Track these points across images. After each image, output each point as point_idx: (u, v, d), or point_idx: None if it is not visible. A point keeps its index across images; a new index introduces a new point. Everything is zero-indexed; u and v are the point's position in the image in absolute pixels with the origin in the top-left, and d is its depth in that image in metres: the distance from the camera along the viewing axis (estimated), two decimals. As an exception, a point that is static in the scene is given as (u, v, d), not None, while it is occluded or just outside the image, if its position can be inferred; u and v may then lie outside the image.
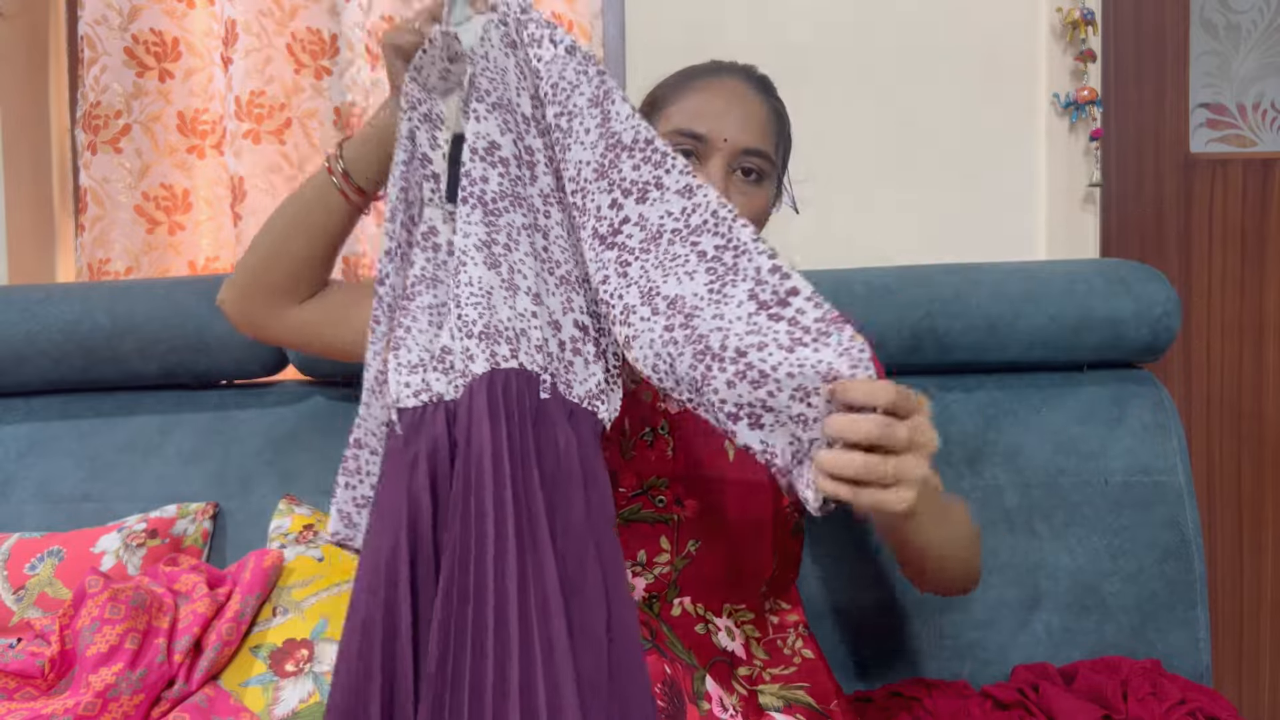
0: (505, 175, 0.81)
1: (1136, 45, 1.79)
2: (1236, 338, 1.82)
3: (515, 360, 0.77)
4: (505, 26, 0.81)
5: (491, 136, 0.81)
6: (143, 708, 1.00)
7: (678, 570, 0.94)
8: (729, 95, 0.95)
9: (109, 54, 1.70)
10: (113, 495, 1.31)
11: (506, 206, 0.81)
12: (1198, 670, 1.22)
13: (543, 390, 0.77)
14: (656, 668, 0.86)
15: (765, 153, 0.94)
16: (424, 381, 0.79)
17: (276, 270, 0.95)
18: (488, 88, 0.81)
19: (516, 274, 0.80)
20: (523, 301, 0.80)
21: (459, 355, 0.78)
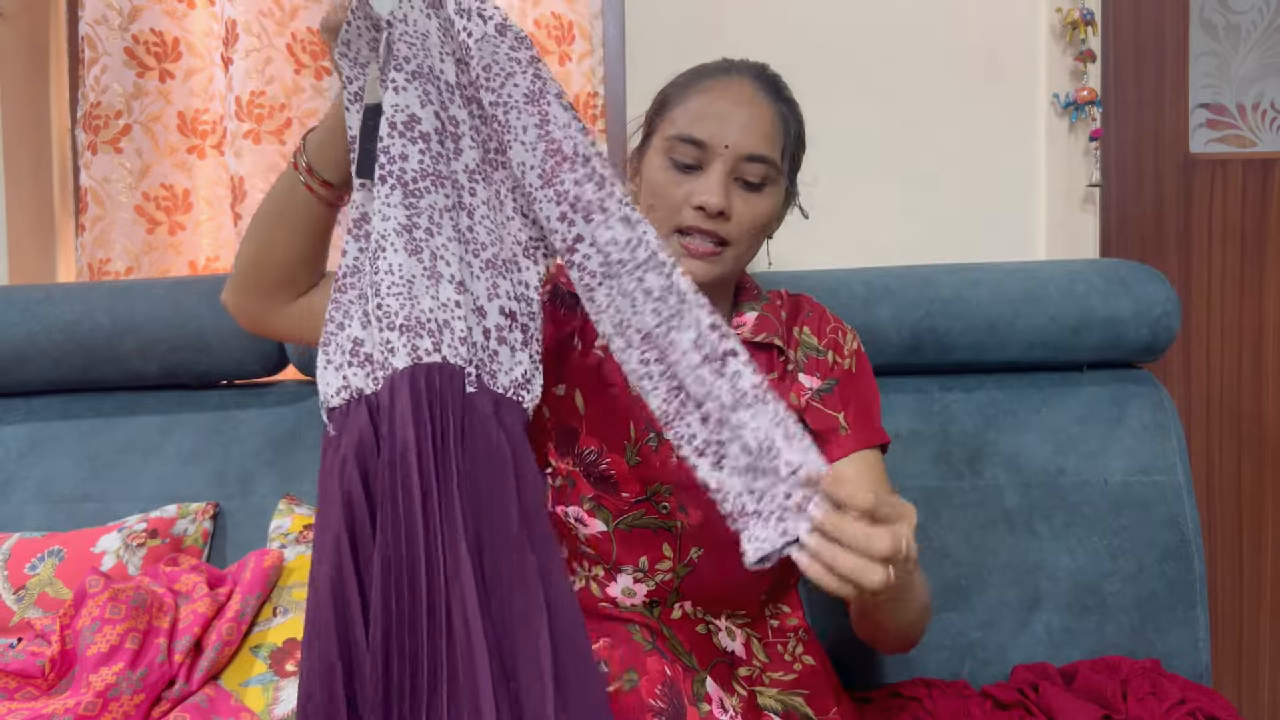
0: (426, 152, 0.76)
1: (1136, 45, 1.79)
2: (1236, 338, 1.82)
3: (438, 354, 0.74)
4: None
5: (411, 109, 0.75)
6: (143, 707, 1.00)
7: (679, 578, 0.94)
8: (734, 98, 0.94)
9: (109, 54, 1.70)
10: (113, 495, 1.31)
11: (428, 186, 0.76)
12: (1197, 670, 1.22)
13: (468, 384, 0.76)
14: (656, 669, 0.85)
15: (769, 158, 0.93)
16: (344, 379, 0.77)
17: (265, 268, 0.94)
18: (407, 54, 0.75)
19: (439, 260, 0.76)
20: (446, 290, 0.76)
21: (378, 346, 0.75)
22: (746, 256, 0.98)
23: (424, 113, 0.76)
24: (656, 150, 0.96)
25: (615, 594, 0.94)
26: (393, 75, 0.75)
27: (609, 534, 0.94)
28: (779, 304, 1.03)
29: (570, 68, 1.64)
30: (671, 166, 0.94)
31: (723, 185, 0.92)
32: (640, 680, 0.85)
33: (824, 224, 1.76)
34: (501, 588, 0.71)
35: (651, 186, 0.96)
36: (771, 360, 1.00)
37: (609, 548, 0.94)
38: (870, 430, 0.99)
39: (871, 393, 1.02)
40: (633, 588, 0.94)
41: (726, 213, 0.92)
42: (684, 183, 0.93)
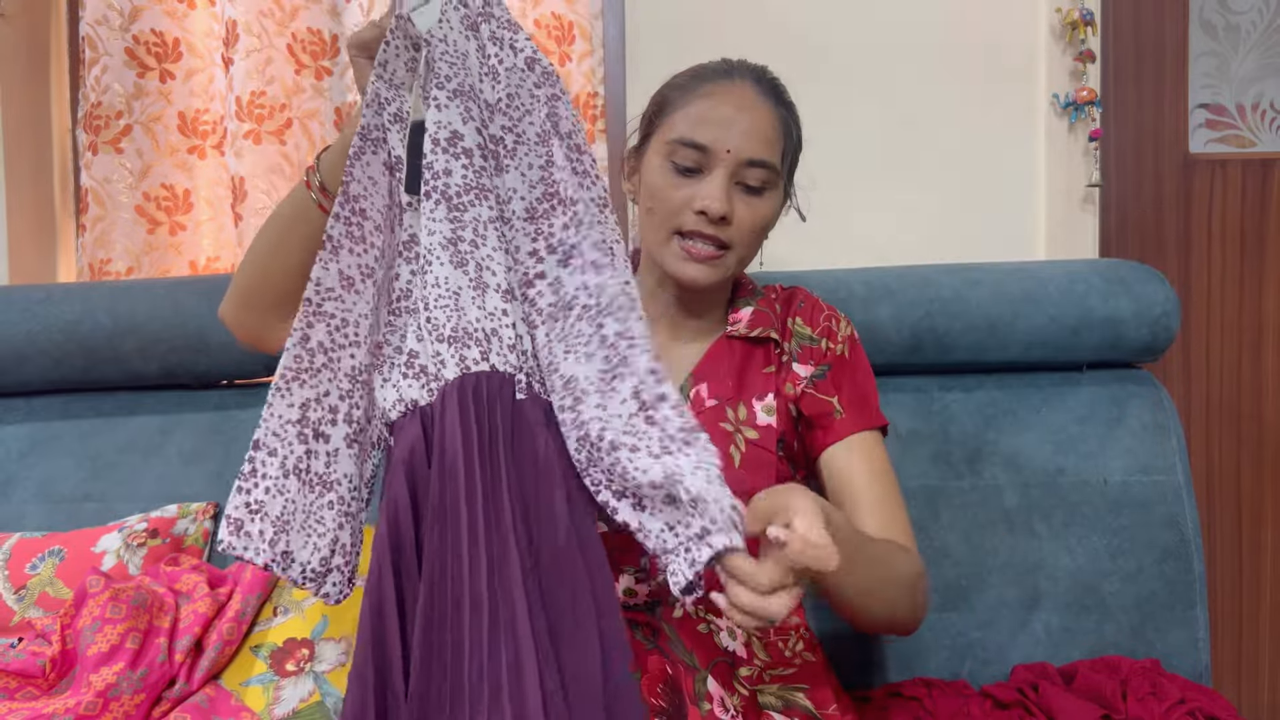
0: (469, 167, 0.77)
1: (1136, 46, 1.79)
2: (1236, 338, 1.82)
3: (486, 363, 0.75)
4: (465, 8, 0.76)
5: (454, 126, 0.77)
6: (144, 707, 1.00)
7: None
8: (736, 103, 0.94)
9: (110, 54, 1.70)
10: (113, 495, 1.31)
11: (472, 200, 0.77)
12: (1197, 670, 1.22)
13: (518, 391, 0.76)
14: (658, 668, 0.86)
15: (770, 163, 0.94)
16: (399, 393, 0.78)
17: (268, 285, 0.94)
18: (448, 73, 0.76)
19: (485, 270, 0.77)
20: (493, 300, 0.77)
21: (429, 359, 0.76)
22: (747, 258, 1.00)
23: (466, 129, 0.77)
24: (656, 152, 0.96)
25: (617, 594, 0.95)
26: (435, 93, 0.76)
27: (608, 534, 0.94)
28: (773, 298, 1.06)
29: (570, 68, 1.64)
30: (672, 170, 0.94)
31: (724, 190, 0.92)
32: (641, 679, 0.85)
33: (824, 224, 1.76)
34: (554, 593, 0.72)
35: (651, 189, 0.96)
36: (768, 353, 1.01)
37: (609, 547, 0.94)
38: (867, 414, 1.00)
39: (867, 377, 1.03)
40: (634, 588, 0.95)
41: (728, 217, 0.93)
42: (685, 186, 0.93)
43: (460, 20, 0.76)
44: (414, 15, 0.77)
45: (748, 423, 0.98)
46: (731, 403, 0.98)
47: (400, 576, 0.74)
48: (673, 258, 0.95)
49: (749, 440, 0.97)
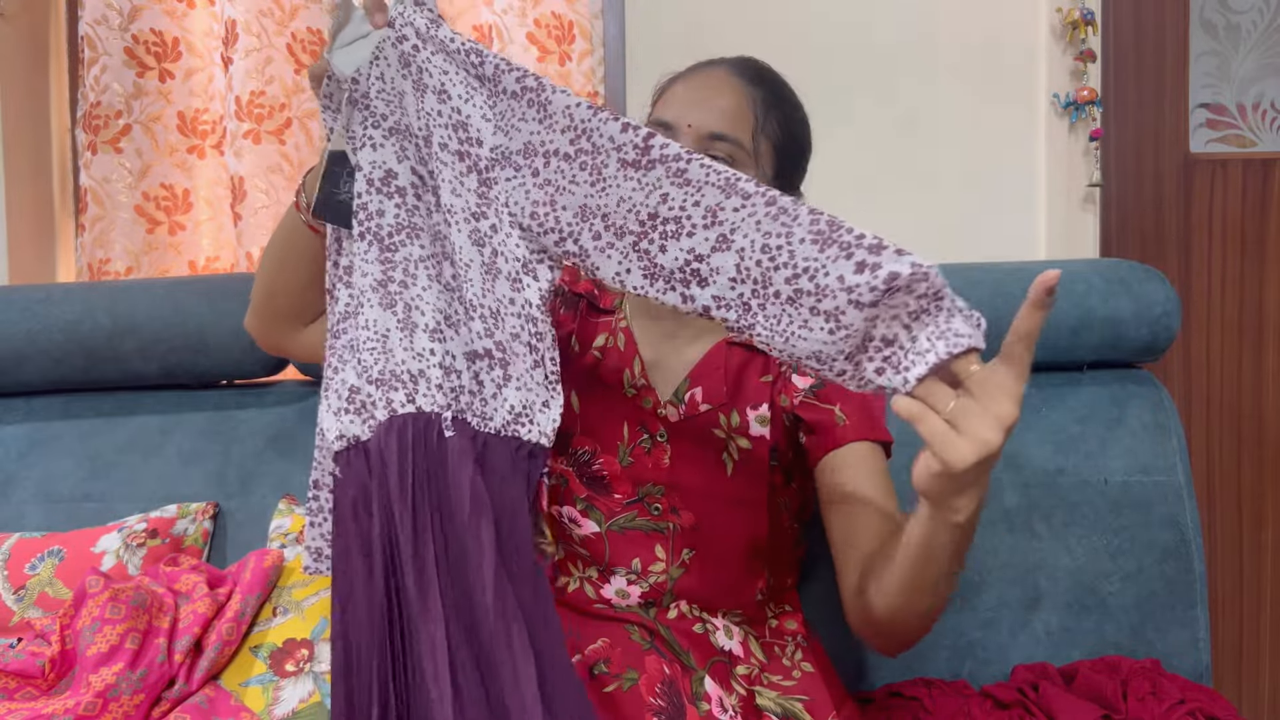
0: (402, 205, 0.78)
1: (1136, 45, 1.79)
2: (1236, 338, 1.82)
3: (412, 405, 0.76)
4: (403, 44, 0.76)
5: (388, 165, 0.77)
6: (143, 708, 1.00)
7: (673, 579, 0.93)
8: (704, 84, 0.94)
9: (109, 54, 1.70)
10: (113, 495, 1.31)
11: (404, 240, 0.78)
12: (1197, 670, 1.22)
13: (446, 429, 0.76)
14: (655, 668, 0.85)
15: (731, 137, 0.91)
16: (341, 427, 0.79)
17: (277, 298, 0.97)
18: (384, 110, 0.77)
19: (414, 310, 0.78)
20: (420, 340, 0.77)
21: (365, 398, 0.78)
22: None
23: (400, 167, 0.78)
24: None
25: (610, 595, 0.94)
26: (369, 132, 0.77)
27: (601, 535, 0.94)
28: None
29: (570, 68, 1.64)
30: None
31: None
32: (639, 679, 0.85)
33: (824, 224, 1.76)
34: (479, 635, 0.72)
35: None
36: (768, 362, 0.99)
37: (602, 549, 0.94)
38: (871, 425, 0.96)
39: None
40: (626, 589, 0.94)
41: None
42: None
43: (398, 57, 0.76)
44: (340, 53, 0.77)
45: (740, 431, 0.96)
46: (725, 409, 0.96)
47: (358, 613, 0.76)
48: None
49: (742, 449, 0.95)
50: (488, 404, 0.78)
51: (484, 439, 0.77)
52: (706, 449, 0.95)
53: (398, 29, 0.76)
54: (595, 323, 1.02)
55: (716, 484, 0.94)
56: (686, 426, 0.96)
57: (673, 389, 0.98)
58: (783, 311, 0.68)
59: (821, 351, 0.67)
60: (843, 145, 1.70)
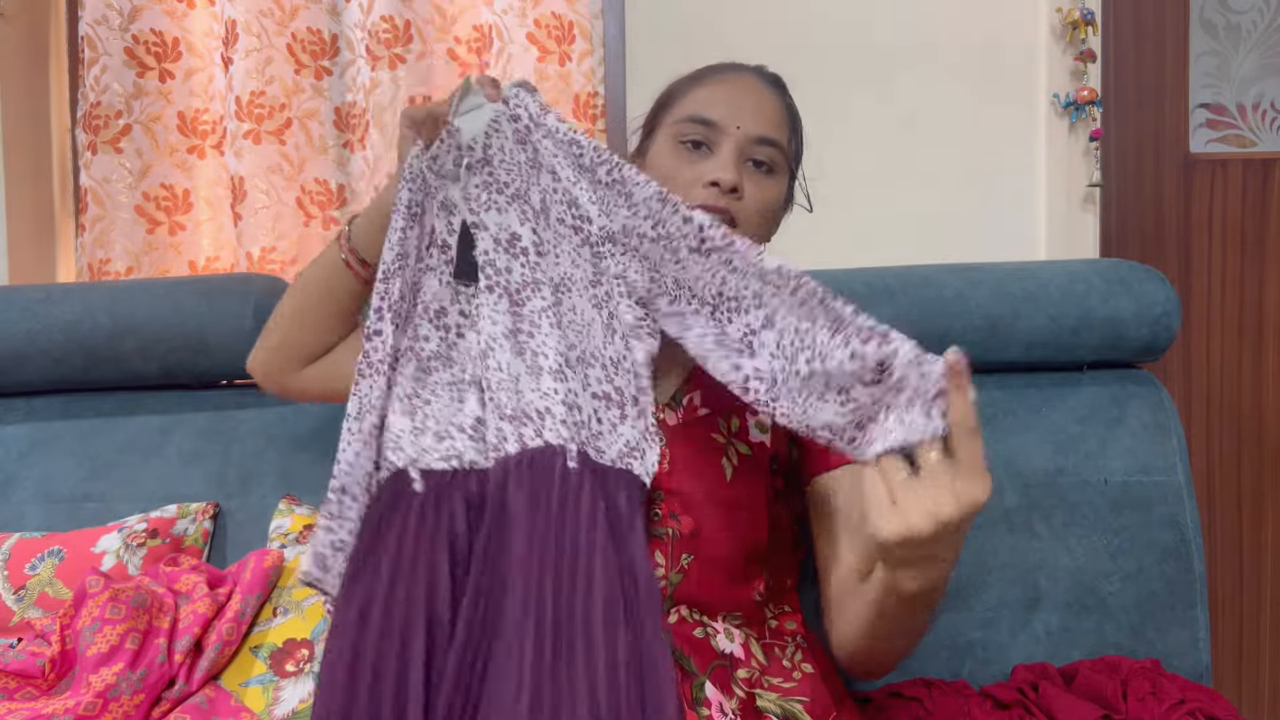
0: (526, 264, 0.88)
1: (1136, 45, 1.79)
2: (1236, 338, 1.82)
3: (540, 439, 0.83)
4: (517, 122, 0.86)
5: (513, 228, 0.88)
6: (143, 708, 1.00)
7: (673, 585, 0.92)
8: (743, 88, 0.96)
9: (109, 54, 1.70)
10: (113, 495, 1.31)
11: (529, 295, 0.88)
12: (1197, 670, 1.22)
13: (569, 460, 0.82)
14: None
15: (778, 143, 0.94)
16: (452, 449, 0.85)
17: (300, 340, 1.01)
18: (506, 179, 0.87)
19: (540, 356, 0.86)
20: (546, 382, 0.85)
21: (493, 431, 0.85)
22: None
23: (523, 230, 0.88)
24: (664, 138, 0.96)
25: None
26: (494, 197, 0.88)
27: None
28: None
29: (570, 68, 1.64)
30: (681, 148, 0.94)
31: (735, 163, 0.92)
32: None
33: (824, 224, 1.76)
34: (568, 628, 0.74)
35: (660, 171, 0.95)
36: None
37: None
38: None
39: None
40: None
41: (739, 190, 0.92)
42: (696, 162, 0.93)
43: (513, 133, 0.87)
44: (461, 120, 0.86)
45: (740, 436, 0.95)
46: (724, 414, 0.96)
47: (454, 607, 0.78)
48: None
49: (741, 455, 0.94)
50: (603, 438, 0.86)
51: (601, 469, 0.83)
52: (706, 454, 0.94)
53: (511, 107, 0.86)
54: None
55: (716, 489, 0.93)
56: (685, 431, 0.95)
57: (670, 393, 0.98)
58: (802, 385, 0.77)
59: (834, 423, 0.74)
60: (843, 145, 1.70)
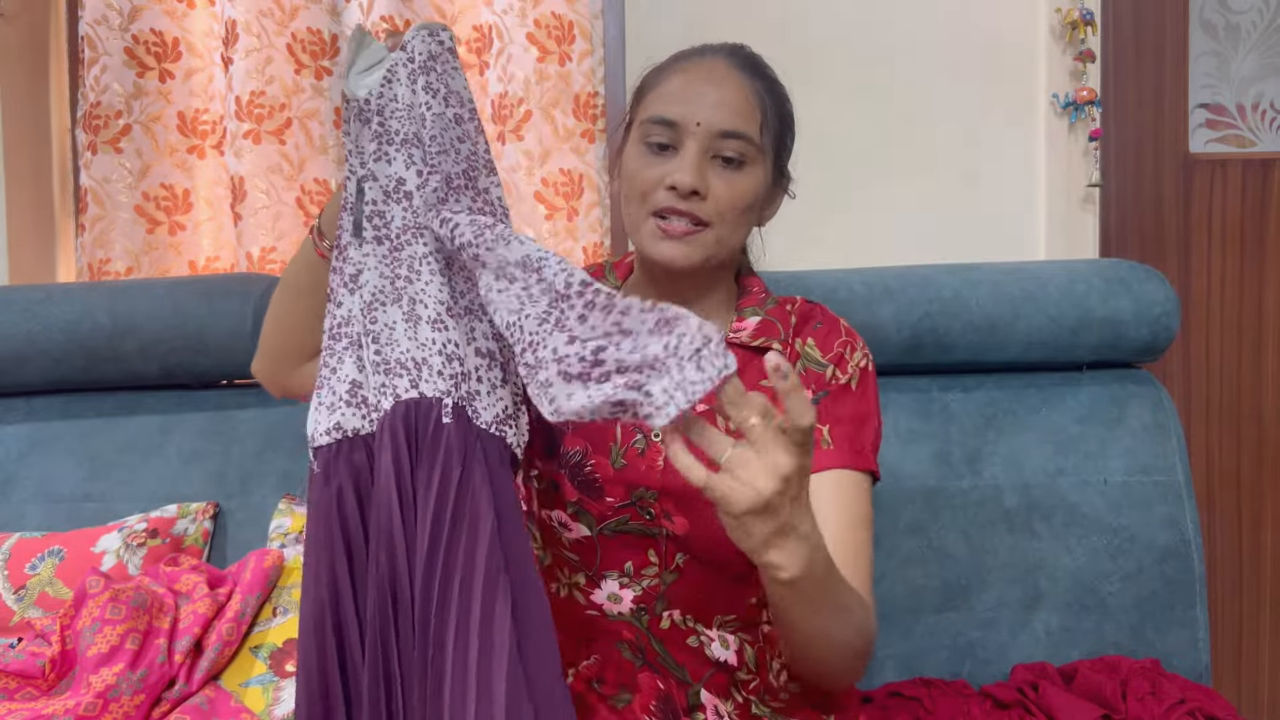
0: (409, 209, 0.83)
1: (1136, 45, 1.79)
2: (1236, 338, 1.82)
3: (415, 390, 0.79)
4: (411, 64, 0.81)
5: (399, 174, 0.83)
6: (143, 708, 1.00)
7: (666, 584, 0.92)
8: (706, 77, 0.91)
9: (109, 54, 1.70)
10: (113, 495, 1.31)
11: (409, 239, 0.83)
12: (1197, 670, 1.22)
13: (444, 415, 0.78)
14: (649, 685, 0.85)
15: (744, 134, 0.89)
16: (336, 421, 0.82)
17: (291, 334, 0.97)
18: (396, 127, 0.83)
19: (418, 304, 0.82)
20: (424, 331, 0.81)
21: (373, 390, 0.81)
22: (731, 240, 0.93)
23: (408, 174, 0.83)
24: (634, 138, 0.94)
25: (601, 600, 0.92)
26: (385, 148, 0.83)
27: (593, 539, 0.92)
28: (788, 310, 0.98)
29: (570, 68, 1.64)
30: (646, 150, 0.91)
31: (696, 164, 0.88)
32: (634, 699, 0.84)
33: (824, 224, 1.76)
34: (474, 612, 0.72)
35: (627, 173, 0.93)
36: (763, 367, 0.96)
37: (593, 553, 0.92)
38: (856, 453, 0.91)
39: (868, 415, 0.95)
40: (619, 593, 0.92)
41: (701, 192, 0.89)
42: (658, 164, 0.90)
43: (407, 75, 0.82)
44: (353, 79, 0.83)
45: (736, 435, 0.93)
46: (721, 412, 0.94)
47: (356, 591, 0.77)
48: (650, 239, 0.91)
49: None
50: (481, 398, 0.81)
51: (477, 431, 0.79)
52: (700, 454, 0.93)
53: (409, 50, 0.81)
54: None
55: None
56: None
57: None
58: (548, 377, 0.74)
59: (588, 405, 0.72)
60: (842, 144, 1.70)
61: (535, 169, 1.65)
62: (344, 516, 0.78)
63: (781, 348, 0.94)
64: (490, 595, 0.72)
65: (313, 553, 0.78)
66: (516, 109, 1.64)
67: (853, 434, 0.92)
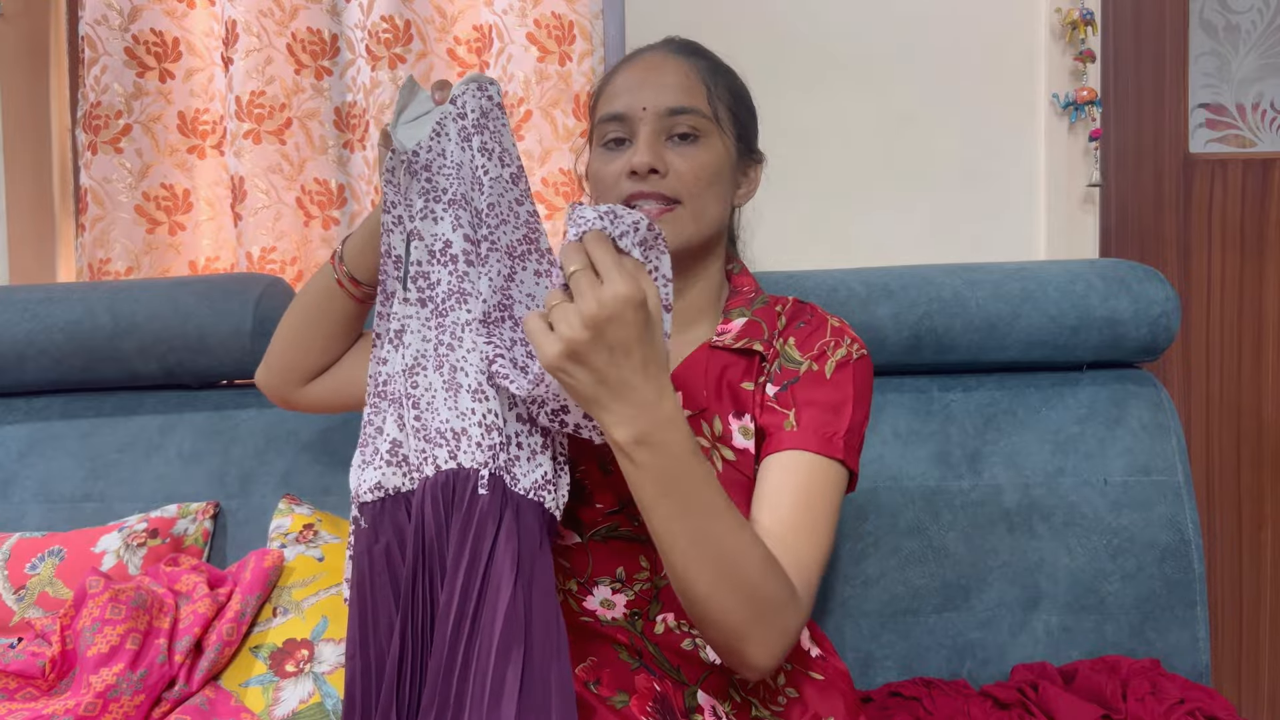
0: (454, 273, 0.82)
1: (1136, 45, 1.79)
2: (1236, 337, 1.82)
3: (454, 461, 0.80)
4: (463, 120, 0.80)
5: (446, 236, 0.82)
6: (143, 708, 1.00)
7: (658, 587, 0.91)
8: (646, 67, 0.94)
9: (109, 54, 1.70)
10: (113, 495, 1.31)
11: (453, 305, 0.82)
12: (1197, 669, 1.22)
13: (480, 487, 0.79)
14: (646, 687, 0.84)
15: (691, 108, 0.91)
16: (379, 479, 0.84)
17: (302, 358, 1.01)
18: (444, 185, 0.82)
19: (459, 372, 0.81)
20: (464, 400, 0.81)
21: (414, 452, 0.82)
22: (707, 215, 0.92)
23: (455, 236, 0.82)
24: (595, 145, 0.96)
25: (594, 606, 0.91)
26: (432, 205, 0.82)
27: (584, 545, 0.91)
28: (778, 310, 0.97)
29: (570, 68, 1.64)
30: (604, 150, 0.93)
31: (649, 143, 0.89)
32: (631, 700, 0.84)
33: (824, 224, 1.76)
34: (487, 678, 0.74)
35: (593, 179, 0.95)
36: (750, 367, 0.94)
37: (584, 560, 0.91)
38: (821, 439, 0.86)
39: (842, 403, 0.89)
40: (611, 599, 0.92)
41: (660, 169, 0.89)
42: (617, 158, 0.92)
43: (458, 132, 0.80)
44: (403, 128, 0.81)
45: (724, 441, 0.91)
46: (706, 415, 0.92)
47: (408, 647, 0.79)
48: None
49: (726, 460, 0.90)
50: (520, 464, 0.82)
51: (517, 500, 0.80)
52: None
53: (459, 105, 0.80)
54: None
55: None
56: None
57: None
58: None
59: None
60: (842, 145, 1.70)
61: (535, 169, 1.65)
62: (393, 570, 0.81)
63: (763, 348, 0.93)
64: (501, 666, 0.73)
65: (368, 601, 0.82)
66: (516, 109, 1.64)
67: (822, 420, 0.88)
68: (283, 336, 1.02)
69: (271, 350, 1.04)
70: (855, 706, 0.97)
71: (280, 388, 1.04)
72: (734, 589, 0.74)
